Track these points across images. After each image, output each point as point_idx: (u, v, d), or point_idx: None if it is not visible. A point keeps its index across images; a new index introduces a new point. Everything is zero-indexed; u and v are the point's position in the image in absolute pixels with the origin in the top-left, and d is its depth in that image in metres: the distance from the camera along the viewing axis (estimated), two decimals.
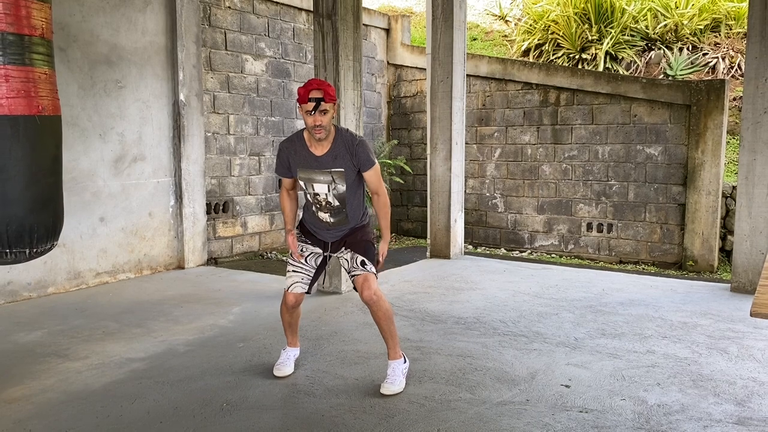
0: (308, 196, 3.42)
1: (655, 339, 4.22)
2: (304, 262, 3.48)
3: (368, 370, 3.69)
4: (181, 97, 6.44)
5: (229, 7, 7.10)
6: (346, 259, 3.48)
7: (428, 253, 7.18)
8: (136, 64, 6.10)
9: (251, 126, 7.41)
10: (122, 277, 6.08)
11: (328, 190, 3.34)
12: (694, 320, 4.63)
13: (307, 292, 3.53)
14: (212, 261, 7.01)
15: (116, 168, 5.98)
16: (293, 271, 3.49)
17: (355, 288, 3.44)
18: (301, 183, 3.40)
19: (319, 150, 3.31)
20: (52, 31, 3.05)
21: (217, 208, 7.10)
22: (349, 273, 3.47)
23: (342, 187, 3.33)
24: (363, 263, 3.39)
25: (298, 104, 3.25)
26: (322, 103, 3.15)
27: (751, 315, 1.86)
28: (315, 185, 3.35)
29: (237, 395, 3.35)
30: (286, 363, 3.62)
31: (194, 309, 5.03)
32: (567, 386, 3.44)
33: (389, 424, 3.00)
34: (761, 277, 2.34)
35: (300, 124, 8.01)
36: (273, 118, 7.66)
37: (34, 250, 3.01)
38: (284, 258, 7.49)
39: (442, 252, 7.07)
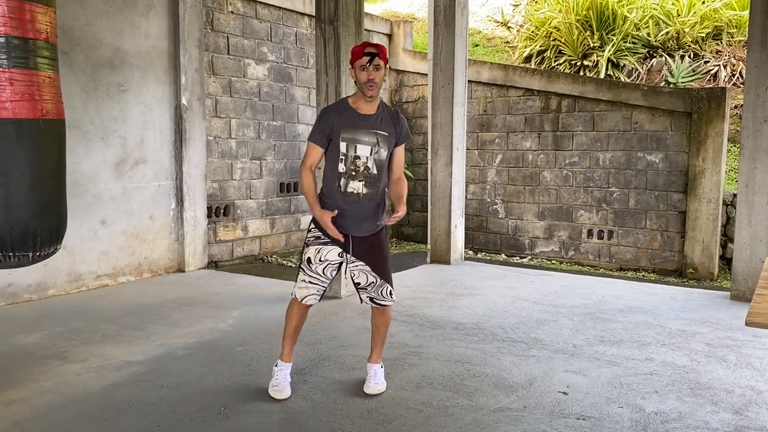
0: (341, 165, 3.25)
1: (654, 346, 4.22)
2: (321, 274, 3.31)
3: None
4: (183, 101, 6.46)
5: (232, 12, 7.13)
6: (370, 280, 3.34)
7: (428, 259, 7.19)
8: (138, 68, 6.13)
9: (253, 130, 7.43)
10: (122, 280, 6.09)
11: (371, 153, 3.26)
12: (693, 328, 4.63)
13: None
14: (212, 264, 7.02)
15: (118, 171, 6.00)
16: (310, 282, 3.32)
17: (359, 294, 3.45)
18: (342, 147, 3.23)
19: (369, 108, 3.29)
20: (57, 35, 3.06)
21: (218, 211, 7.11)
22: (365, 291, 3.38)
23: (384, 153, 3.29)
24: (391, 293, 3.40)
25: (350, 66, 3.28)
26: (377, 58, 3.17)
27: (747, 324, 1.87)
28: (358, 146, 3.24)
29: (235, 399, 3.36)
30: (285, 384, 3.37)
31: (194, 312, 5.04)
32: (565, 393, 3.44)
33: (386, 430, 3.01)
34: (758, 286, 2.34)
35: (301, 129, 8.03)
36: (275, 123, 7.68)
37: (38, 253, 3.01)
38: (285, 262, 7.50)
39: (442, 257, 7.08)
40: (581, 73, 8.76)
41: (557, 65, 9.11)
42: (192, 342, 4.31)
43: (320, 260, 3.31)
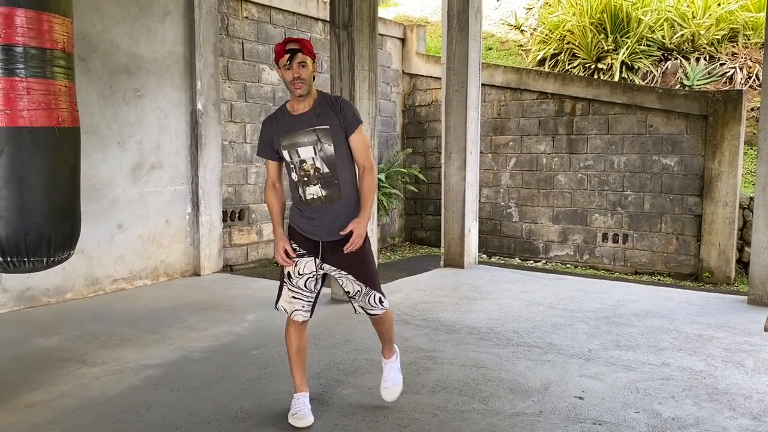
0: (294, 174, 3.12)
1: (670, 351, 4.19)
2: (303, 288, 3.13)
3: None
4: (199, 106, 6.51)
5: (247, 18, 7.19)
6: (356, 288, 3.14)
7: (442, 263, 7.18)
8: (154, 74, 6.19)
9: None
10: (139, 284, 6.14)
11: (315, 153, 3.04)
12: (710, 333, 4.59)
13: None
14: (228, 268, 7.07)
15: (134, 176, 6.06)
16: (293, 297, 3.14)
17: (352, 304, 3.23)
18: (286, 155, 3.10)
19: (302, 107, 3.09)
20: (73, 44, 3.11)
21: (233, 215, 7.16)
22: (355, 300, 3.18)
23: (330, 148, 3.04)
24: (381, 301, 3.16)
25: (276, 66, 3.07)
26: (299, 54, 2.97)
27: (766, 330, 1.86)
28: (300, 150, 3.06)
29: (251, 403, 3.38)
30: (306, 412, 3.13)
31: (209, 316, 5.08)
32: (580, 398, 3.43)
33: None
34: None
35: None
36: None
37: (52, 258, 3.05)
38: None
39: (456, 261, 7.07)
40: (595, 76, 8.73)
41: (571, 68, 9.08)
42: (208, 345, 4.34)
43: (299, 273, 3.12)
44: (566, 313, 5.16)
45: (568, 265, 7.90)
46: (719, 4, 8.90)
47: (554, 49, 9.44)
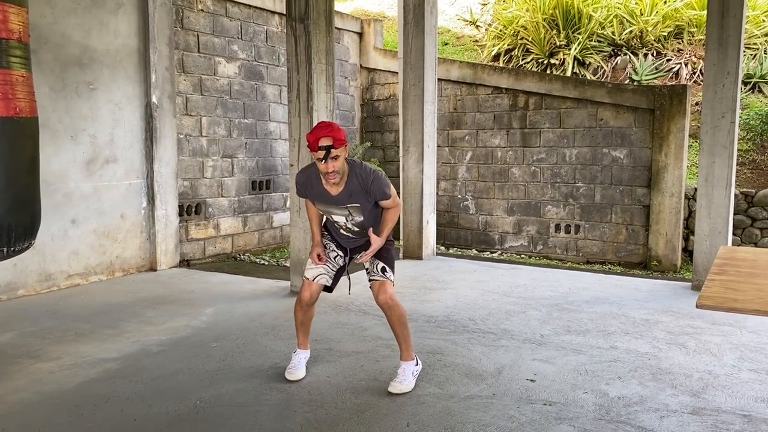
0: (326, 217, 3.58)
1: (618, 335, 4.37)
2: (328, 258, 3.56)
3: (340, 367, 3.77)
4: (154, 99, 6.44)
5: (202, 10, 7.13)
6: (370, 260, 3.53)
7: (401, 254, 7.27)
8: (108, 66, 6.10)
9: (224, 128, 7.43)
10: (94, 279, 6.06)
11: (346, 220, 3.46)
12: (656, 317, 4.80)
13: (329, 290, 3.61)
14: (185, 263, 7.02)
15: (88, 170, 5.97)
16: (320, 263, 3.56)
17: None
18: (319, 210, 3.54)
19: (334, 189, 3.36)
20: (29, 34, 3.09)
21: (190, 210, 7.11)
22: (368, 275, 3.52)
23: (359, 218, 3.43)
24: (383, 270, 3.47)
25: (309, 150, 3.33)
26: (332, 150, 3.17)
27: (697, 306, 1.98)
28: (333, 216, 3.48)
29: (210, 393, 3.40)
30: (298, 367, 3.62)
31: (167, 310, 5.05)
32: (532, 380, 3.56)
33: (360, 419, 3.09)
34: (710, 272, 2.47)
35: (273, 126, 8.06)
36: (246, 120, 7.70)
37: (12, 248, 3.05)
38: (258, 260, 7.53)
39: (414, 253, 7.17)
40: (548, 71, 8.94)
41: (525, 63, 9.28)
42: (166, 339, 4.33)
43: (326, 250, 3.59)
44: (520, 300, 5.31)
45: (522, 256, 8.09)
46: (665, 2, 9.21)
47: (508, 45, 9.62)
